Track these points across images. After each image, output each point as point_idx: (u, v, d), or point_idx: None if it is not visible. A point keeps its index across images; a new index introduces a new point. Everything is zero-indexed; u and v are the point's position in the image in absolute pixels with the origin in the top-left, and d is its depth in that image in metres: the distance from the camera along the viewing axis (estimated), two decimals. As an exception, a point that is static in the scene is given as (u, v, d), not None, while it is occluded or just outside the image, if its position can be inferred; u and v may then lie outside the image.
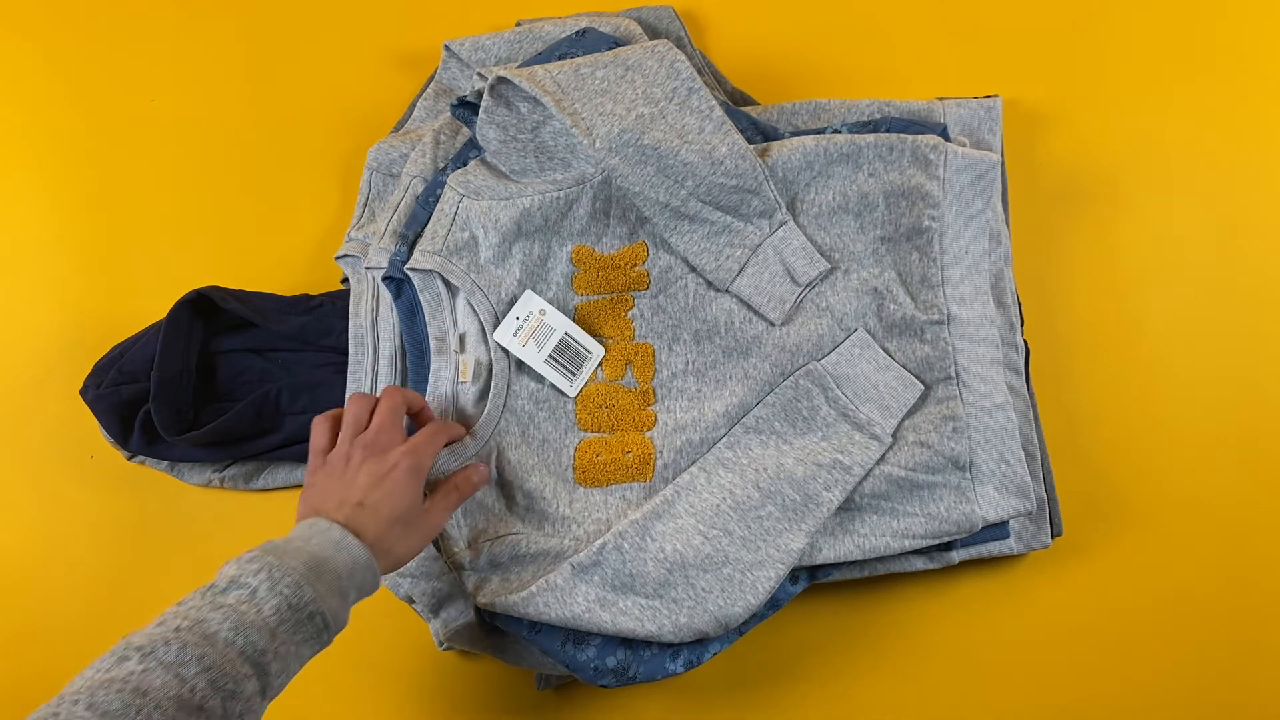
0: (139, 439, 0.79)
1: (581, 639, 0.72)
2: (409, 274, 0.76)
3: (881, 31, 0.91)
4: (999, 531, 0.78)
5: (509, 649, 0.77)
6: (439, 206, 0.77)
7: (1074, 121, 0.89)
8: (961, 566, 0.79)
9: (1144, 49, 0.90)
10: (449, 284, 0.77)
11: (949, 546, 0.78)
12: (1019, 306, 0.83)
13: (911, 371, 0.77)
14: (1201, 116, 0.89)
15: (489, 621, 0.74)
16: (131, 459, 0.83)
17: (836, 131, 0.79)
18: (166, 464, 0.83)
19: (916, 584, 0.82)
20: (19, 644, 0.84)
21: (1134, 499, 0.84)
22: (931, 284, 0.78)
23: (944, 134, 0.79)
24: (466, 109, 0.79)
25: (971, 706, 0.82)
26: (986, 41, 0.91)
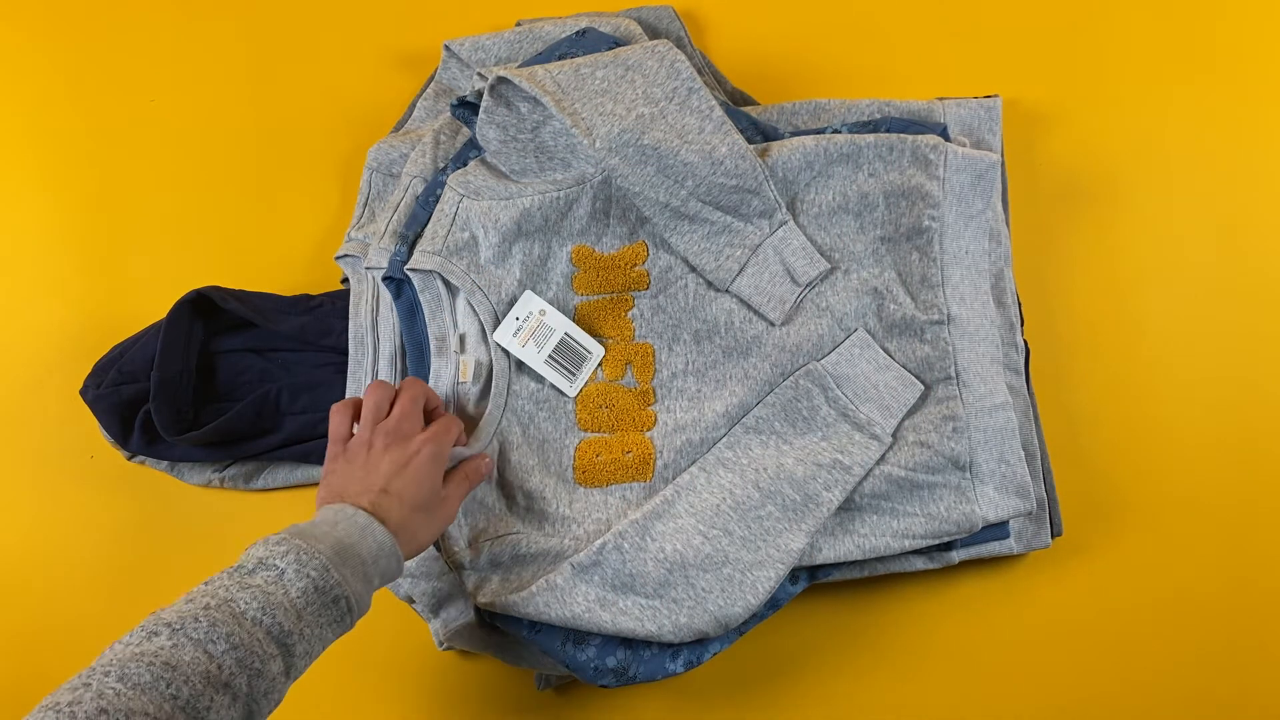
0: (139, 439, 0.79)
1: (581, 639, 0.72)
2: (409, 274, 0.76)
3: (881, 31, 0.91)
4: (999, 531, 0.78)
5: (509, 649, 0.77)
6: (439, 206, 0.77)
7: (1074, 121, 0.89)
8: (961, 566, 0.79)
9: (1144, 49, 0.90)
10: (449, 284, 0.77)
11: (949, 546, 0.78)
12: (1019, 306, 0.83)
13: (911, 371, 0.77)
14: (1201, 116, 0.89)
15: (489, 621, 0.74)
16: (131, 459, 0.83)
17: (836, 131, 0.79)
18: (166, 464, 0.83)
19: (916, 584, 0.82)
20: (19, 644, 0.84)
21: (1134, 499, 0.84)
22: (931, 284, 0.78)
23: (944, 134, 0.79)
24: (466, 109, 0.79)
25: (971, 706, 0.82)
26: (986, 41, 0.91)
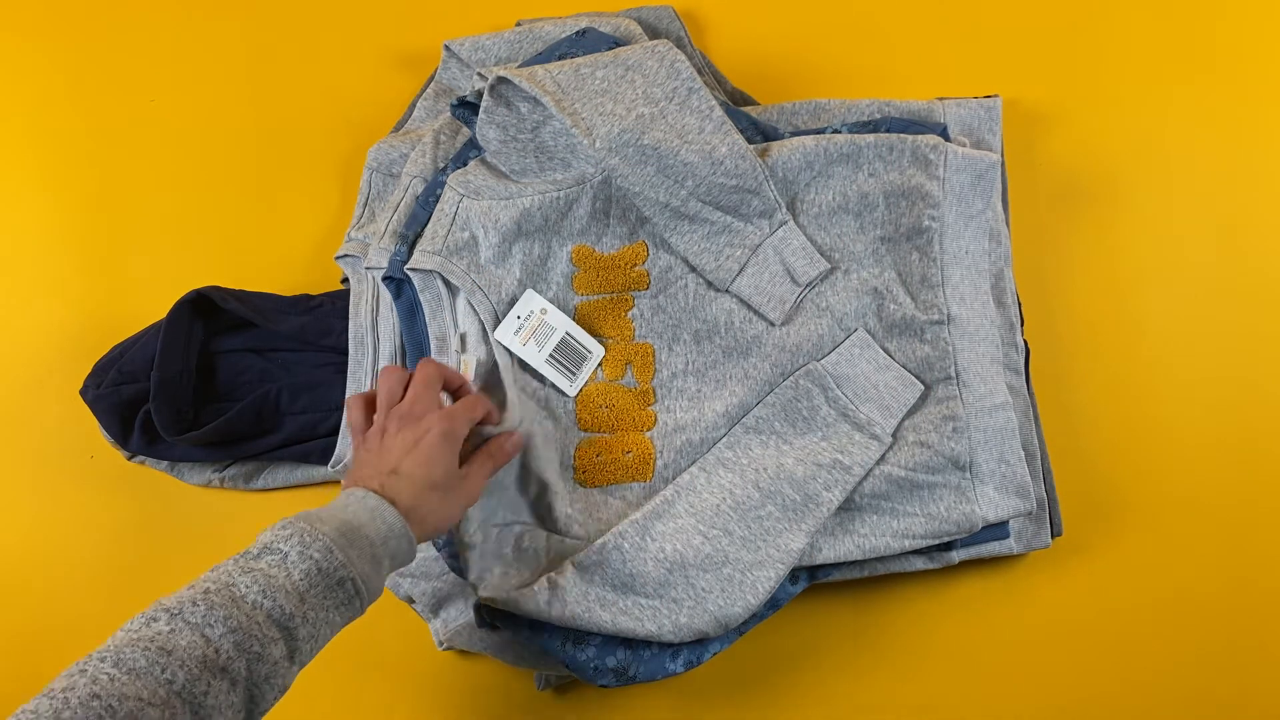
0: (139, 439, 0.79)
1: (581, 639, 0.72)
2: (409, 274, 0.76)
3: (881, 31, 0.91)
4: (999, 531, 0.78)
5: (509, 649, 0.77)
6: (439, 206, 0.77)
7: (1074, 121, 0.89)
8: (961, 566, 0.79)
9: (1144, 49, 0.90)
10: (449, 284, 0.77)
11: (949, 546, 0.78)
12: (1019, 306, 0.83)
13: (911, 371, 0.77)
14: (1201, 116, 0.89)
15: (489, 621, 0.74)
16: (131, 459, 0.83)
17: (836, 131, 0.79)
18: (166, 464, 0.83)
19: (916, 584, 0.82)
20: (19, 644, 0.84)
21: (1134, 499, 0.84)
22: (931, 284, 0.77)
23: (944, 134, 0.79)
24: (466, 109, 0.79)
25: (971, 706, 0.82)
26: (986, 41, 0.91)
